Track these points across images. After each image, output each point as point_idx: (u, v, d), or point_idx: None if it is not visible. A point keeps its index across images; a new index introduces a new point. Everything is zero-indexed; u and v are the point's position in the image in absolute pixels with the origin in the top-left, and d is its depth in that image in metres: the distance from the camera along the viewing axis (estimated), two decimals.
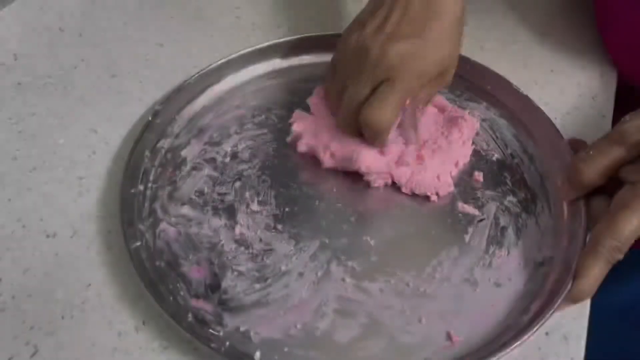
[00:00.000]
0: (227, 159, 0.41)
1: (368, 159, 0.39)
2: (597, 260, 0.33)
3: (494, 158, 0.42)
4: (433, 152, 0.40)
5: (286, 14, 0.54)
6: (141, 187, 0.39)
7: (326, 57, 0.48)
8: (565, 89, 0.48)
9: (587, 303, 0.36)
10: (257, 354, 0.32)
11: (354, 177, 0.40)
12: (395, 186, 0.40)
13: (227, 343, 0.32)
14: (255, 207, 0.39)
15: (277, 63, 0.47)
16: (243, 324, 0.34)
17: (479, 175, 0.41)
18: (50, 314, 0.35)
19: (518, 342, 0.32)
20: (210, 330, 0.33)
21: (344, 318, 0.34)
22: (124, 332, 0.34)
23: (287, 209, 0.39)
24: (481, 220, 0.39)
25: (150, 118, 0.42)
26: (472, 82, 0.45)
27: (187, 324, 0.32)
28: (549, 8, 0.55)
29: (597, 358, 0.36)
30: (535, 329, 0.32)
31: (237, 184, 0.40)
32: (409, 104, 0.38)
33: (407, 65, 0.35)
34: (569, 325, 0.35)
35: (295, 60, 0.47)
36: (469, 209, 0.39)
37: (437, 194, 0.39)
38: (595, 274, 0.33)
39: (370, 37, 0.37)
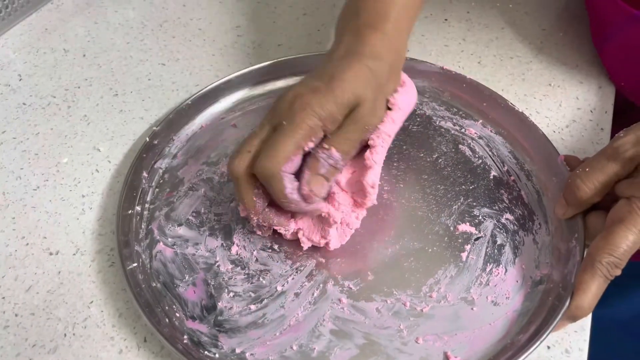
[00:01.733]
0: (224, 179, 0.42)
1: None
2: (594, 277, 0.32)
3: (491, 175, 0.42)
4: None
5: (286, 32, 0.55)
6: (138, 208, 0.39)
7: None
8: (564, 103, 0.48)
9: (588, 316, 0.35)
10: None
11: None
12: (391, 205, 0.40)
13: None
14: (251, 227, 0.39)
15: (274, 83, 0.48)
16: (239, 345, 0.34)
17: None
18: (53, 331, 0.35)
19: None
20: (206, 352, 0.33)
21: (340, 339, 0.34)
22: (126, 349, 0.34)
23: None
24: (478, 238, 0.39)
25: (147, 139, 0.42)
26: (467, 99, 0.46)
27: (182, 345, 0.33)
28: (546, 23, 0.55)
29: None
30: (533, 348, 0.32)
31: (234, 204, 0.40)
32: (320, 147, 0.35)
33: (302, 105, 0.34)
34: (570, 339, 0.35)
35: (291, 80, 0.48)
36: (466, 227, 0.39)
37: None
38: (593, 290, 0.33)
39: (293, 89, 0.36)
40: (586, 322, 0.36)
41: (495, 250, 0.38)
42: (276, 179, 0.33)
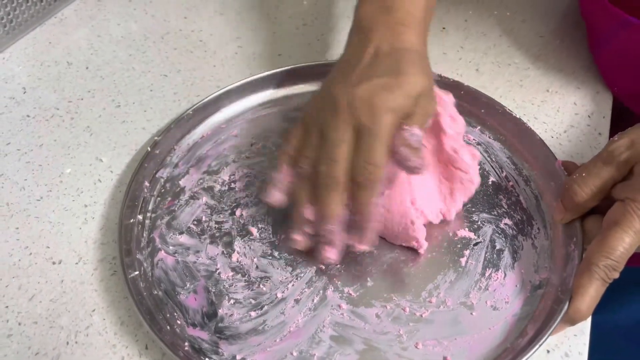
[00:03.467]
0: (225, 188, 0.42)
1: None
2: (592, 280, 0.33)
3: (489, 181, 0.42)
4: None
5: (286, 42, 0.55)
6: (140, 217, 0.40)
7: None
8: (561, 108, 0.49)
9: (588, 320, 0.36)
10: None
11: None
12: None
13: None
14: (252, 234, 0.40)
15: (274, 92, 0.48)
16: (239, 352, 0.34)
17: None
18: (55, 339, 0.36)
19: None
20: (207, 359, 0.33)
21: (340, 344, 0.34)
22: (128, 357, 0.35)
23: (283, 236, 0.39)
24: (477, 243, 0.39)
25: (149, 149, 0.43)
26: (465, 106, 0.46)
27: (184, 352, 0.33)
28: (543, 30, 0.56)
29: None
30: (532, 351, 0.32)
31: (235, 211, 0.41)
32: (401, 128, 0.36)
33: (377, 103, 0.34)
34: (570, 343, 0.35)
35: (291, 89, 0.49)
36: (465, 232, 0.39)
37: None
38: (591, 293, 0.33)
39: (338, 82, 0.36)
40: (586, 325, 0.36)
41: (494, 255, 0.38)
42: (377, 185, 0.34)
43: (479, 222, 0.40)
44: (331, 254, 0.36)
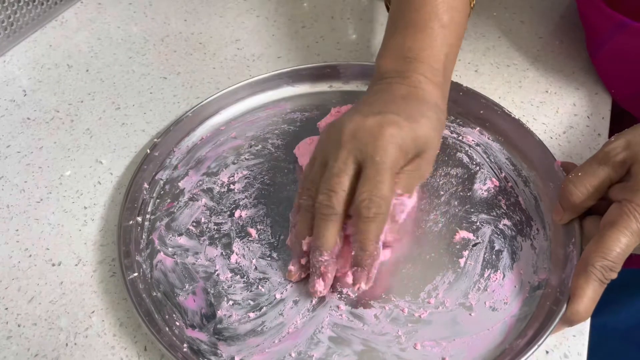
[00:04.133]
0: (224, 189, 0.42)
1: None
2: (589, 281, 0.32)
3: (488, 182, 0.42)
4: None
5: (285, 45, 0.56)
6: (139, 219, 0.40)
7: (321, 87, 0.49)
8: (560, 109, 0.49)
9: (587, 321, 0.35)
10: None
11: None
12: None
13: None
14: (251, 236, 0.40)
15: (273, 94, 0.49)
16: (238, 353, 0.34)
17: None
18: (55, 341, 0.36)
19: None
20: None
21: (338, 345, 0.34)
22: (127, 358, 0.35)
23: (282, 237, 0.39)
24: (476, 244, 0.39)
25: (148, 151, 0.43)
26: (464, 107, 0.46)
27: (182, 354, 0.33)
28: (542, 31, 0.56)
29: None
30: (531, 352, 0.32)
31: (234, 213, 0.41)
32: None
33: (384, 134, 0.34)
34: (569, 343, 0.35)
35: (290, 91, 0.49)
36: (464, 233, 0.39)
37: None
38: (589, 294, 0.33)
39: (347, 116, 0.36)
40: (585, 326, 0.36)
41: (493, 256, 0.38)
42: (384, 219, 0.34)
43: (478, 223, 0.40)
44: (319, 287, 0.35)
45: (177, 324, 0.35)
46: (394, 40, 0.40)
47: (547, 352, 0.35)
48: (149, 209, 0.41)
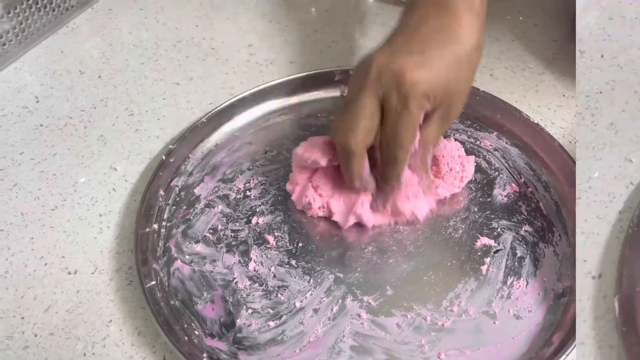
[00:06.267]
0: (240, 196, 0.42)
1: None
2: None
3: (508, 187, 0.42)
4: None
5: (298, 50, 0.55)
6: (155, 226, 0.40)
7: (334, 92, 0.49)
8: None
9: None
10: None
11: None
12: (409, 221, 0.40)
13: None
14: (268, 243, 0.39)
15: (287, 99, 0.48)
16: None
17: None
18: (72, 351, 0.35)
19: None
20: None
21: (360, 355, 0.34)
22: None
23: (300, 244, 0.39)
24: (497, 250, 0.38)
25: (164, 157, 0.43)
26: (481, 112, 0.46)
27: None
28: (556, 35, 0.55)
29: None
30: None
31: (250, 220, 0.40)
32: (419, 142, 0.36)
33: (412, 80, 0.34)
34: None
35: (304, 96, 0.48)
36: (485, 239, 0.39)
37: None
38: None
39: (376, 52, 0.36)
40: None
41: (516, 263, 0.38)
42: (403, 163, 0.36)
43: (499, 229, 0.39)
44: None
45: (196, 333, 0.35)
46: None
47: None
48: (165, 216, 0.41)
